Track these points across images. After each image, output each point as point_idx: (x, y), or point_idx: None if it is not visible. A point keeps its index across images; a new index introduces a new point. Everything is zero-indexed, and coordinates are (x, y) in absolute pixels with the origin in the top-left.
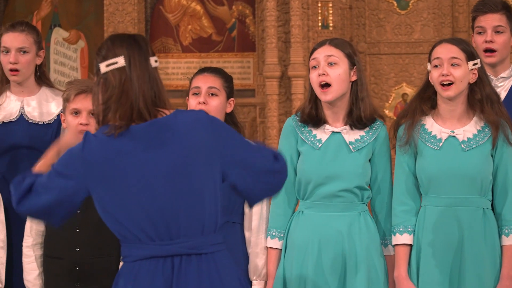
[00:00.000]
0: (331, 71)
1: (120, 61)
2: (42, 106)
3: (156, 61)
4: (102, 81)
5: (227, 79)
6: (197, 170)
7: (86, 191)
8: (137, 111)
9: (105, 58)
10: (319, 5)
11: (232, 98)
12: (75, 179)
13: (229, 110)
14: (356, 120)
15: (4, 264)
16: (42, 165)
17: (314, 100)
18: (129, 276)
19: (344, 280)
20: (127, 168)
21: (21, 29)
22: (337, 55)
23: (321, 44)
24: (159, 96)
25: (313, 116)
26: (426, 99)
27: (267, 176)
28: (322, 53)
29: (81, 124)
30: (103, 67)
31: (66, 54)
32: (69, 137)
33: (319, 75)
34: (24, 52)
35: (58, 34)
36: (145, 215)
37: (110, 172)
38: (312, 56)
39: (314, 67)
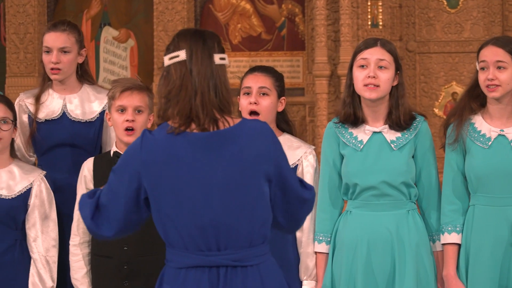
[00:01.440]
0: (381, 74)
1: (182, 54)
2: (84, 104)
3: (222, 58)
4: (164, 74)
5: (278, 78)
6: (252, 183)
7: (145, 190)
8: (194, 108)
9: (169, 51)
10: (369, 3)
11: (283, 97)
12: (135, 179)
13: (280, 109)
14: (396, 123)
15: (56, 263)
16: None
17: (351, 99)
18: (175, 282)
19: (393, 279)
20: (184, 176)
21: (62, 29)
22: (388, 59)
23: (371, 44)
24: (222, 94)
25: (351, 115)
26: (475, 97)
27: (299, 206)
28: (374, 56)
29: (127, 120)
30: (167, 60)
31: (116, 53)
32: None
33: (369, 76)
34: (66, 52)
35: (108, 32)
36: (196, 225)
37: (166, 176)
38: (362, 56)
39: (362, 66)
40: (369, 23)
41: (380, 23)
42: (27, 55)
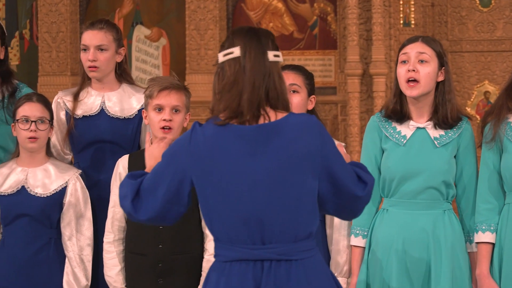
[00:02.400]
0: (421, 68)
1: (236, 51)
2: (123, 101)
3: (276, 55)
4: (219, 71)
5: (308, 76)
6: (298, 178)
7: (191, 183)
8: (242, 103)
9: (223, 48)
10: (401, 2)
11: (314, 95)
12: (181, 170)
13: (310, 107)
14: (442, 121)
15: (91, 262)
16: (148, 164)
17: (399, 95)
18: (221, 275)
19: (429, 279)
20: (230, 169)
21: (99, 27)
22: (429, 53)
23: (413, 40)
24: (275, 90)
25: (397, 111)
26: None
27: (351, 201)
28: (414, 49)
29: (164, 120)
30: (221, 57)
31: (148, 52)
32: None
33: (409, 70)
34: (103, 49)
35: (140, 31)
36: (240, 218)
37: (212, 168)
38: (403, 51)
39: (404, 62)
40: (401, 22)
41: (412, 22)
42: (59, 54)
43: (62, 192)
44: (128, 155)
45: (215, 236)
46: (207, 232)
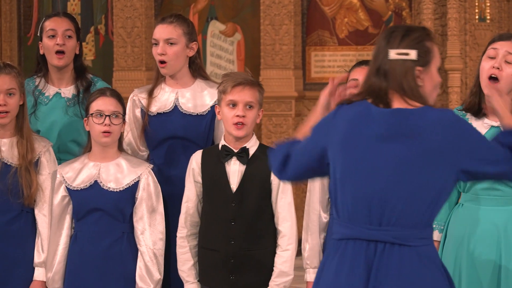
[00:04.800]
0: (506, 68)
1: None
2: (196, 98)
3: (402, 53)
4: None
5: None
6: (428, 169)
7: (327, 155)
8: (388, 88)
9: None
10: None
11: None
12: (322, 142)
13: None
14: None
15: (163, 256)
16: (303, 131)
17: (478, 88)
18: (335, 252)
19: (498, 276)
20: (362, 150)
21: (169, 21)
22: None
23: (505, 37)
24: (413, 84)
25: (474, 105)
26: None
27: (500, 177)
28: (504, 48)
29: (237, 116)
30: (393, 54)
31: (223, 47)
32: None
33: (493, 67)
34: (172, 43)
35: (215, 27)
36: (365, 197)
37: (345, 145)
38: (493, 46)
39: (491, 57)
40: (477, 17)
41: (488, 17)
42: (134, 49)
43: (134, 186)
44: (201, 150)
45: (336, 213)
46: (280, 228)
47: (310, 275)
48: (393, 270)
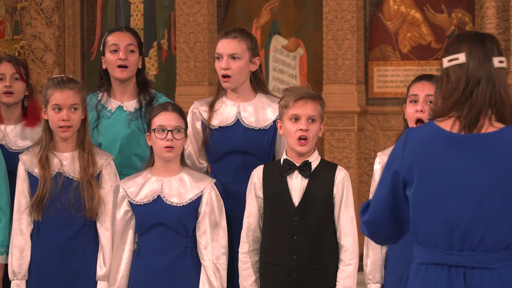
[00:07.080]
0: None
1: (461, 57)
2: (258, 112)
3: (501, 61)
4: (443, 76)
5: None
6: (505, 191)
7: (405, 185)
8: (464, 109)
9: (448, 54)
10: None
11: None
12: (396, 174)
13: None
14: None
15: (226, 271)
16: None
17: None
18: (416, 277)
19: None
20: (439, 174)
21: (233, 36)
22: None
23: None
24: (500, 96)
25: None
26: None
27: None
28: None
29: (300, 129)
30: (445, 62)
31: (285, 62)
32: None
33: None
34: (236, 58)
35: (277, 41)
36: (444, 223)
37: (423, 171)
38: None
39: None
40: None
41: None
42: (197, 63)
43: (197, 201)
44: (263, 165)
45: (416, 238)
46: (342, 242)
47: None
48: None
